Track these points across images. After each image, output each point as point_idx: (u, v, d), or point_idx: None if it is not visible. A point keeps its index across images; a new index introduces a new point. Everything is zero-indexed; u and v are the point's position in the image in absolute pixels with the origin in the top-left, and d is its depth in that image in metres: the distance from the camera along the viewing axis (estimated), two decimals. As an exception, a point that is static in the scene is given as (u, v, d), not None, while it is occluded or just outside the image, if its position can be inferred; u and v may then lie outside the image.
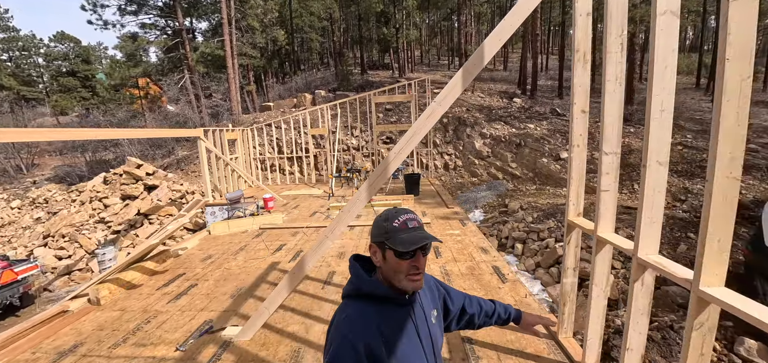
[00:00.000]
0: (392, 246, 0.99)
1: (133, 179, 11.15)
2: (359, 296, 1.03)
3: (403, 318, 1.03)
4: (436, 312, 1.20)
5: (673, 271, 1.60)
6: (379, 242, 1.03)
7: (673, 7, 1.70)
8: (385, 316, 1.00)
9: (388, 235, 1.01)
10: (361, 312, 0.99)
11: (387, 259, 1.02)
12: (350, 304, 1.03)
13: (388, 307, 1.02)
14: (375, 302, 1.01)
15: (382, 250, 1.03)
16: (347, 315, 0.99)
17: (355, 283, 1.06)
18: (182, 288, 4.48)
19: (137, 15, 21.55)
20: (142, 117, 23.18)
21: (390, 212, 1.06)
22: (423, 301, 1.14)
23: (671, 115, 1.75)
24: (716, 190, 1.42)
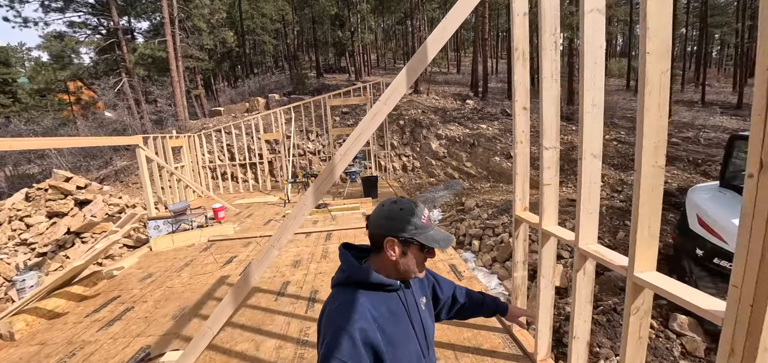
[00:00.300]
0: (424, 242, 1.01)
1: (62, 194, 9.99)
2: (350, 284, 1.02)
3: (395, 304, 1.03)
4: (424, 299, 1.20)
5: (610, 259, 1.66)
6: (407, 238, 1.01)
7: (599, 5, 1.78)
8: (377, 303, 0.99)
9: (418, 231, 1.01)
10: (353, 299, 0.97)
11: (408, 253, 1.02)
12: (341, 293, 1.01)
13: (379, 294, 1.01)
14: (367, 289, 1.00)
15: (405, 246, 1.02)
16: (339, 304, 0.97)
17: (346, 271, 1.04)
18: (116, 313, 4.04)
19: (64, 12, 19.46)
20: (73, 125, 20.94)
21: (410, 206, 1.04)
22: (413, 288, 1.14)
23: (602, 110, 1.83)
24: (643, 179, 1.48)
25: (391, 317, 0.99)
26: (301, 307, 3.74)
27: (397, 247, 1.01)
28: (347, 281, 1.02)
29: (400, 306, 1.04)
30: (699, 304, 1.30)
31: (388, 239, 1.01)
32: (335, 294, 1.02)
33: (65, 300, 4.41)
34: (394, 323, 0.99)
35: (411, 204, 1.05)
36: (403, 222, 1.01)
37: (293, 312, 3.64)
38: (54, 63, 20.89)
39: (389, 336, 0.96)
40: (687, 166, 10.63)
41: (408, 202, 1.05)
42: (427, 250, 1.04)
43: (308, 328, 3.33)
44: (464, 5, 2.32)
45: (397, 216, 1.02)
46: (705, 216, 4.27)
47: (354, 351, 0.88)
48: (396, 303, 1.04)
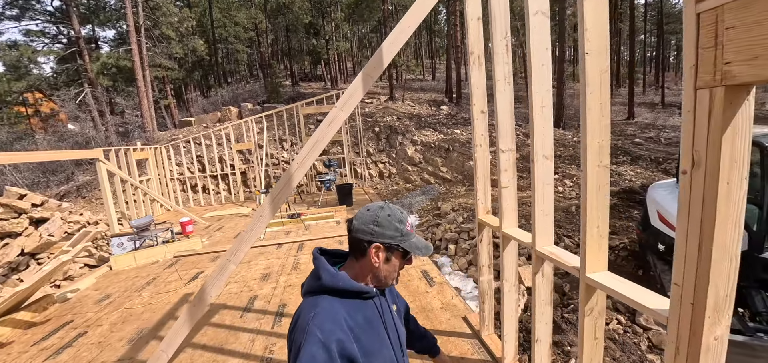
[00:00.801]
0: (408, 249, 1.01)
1: (15, 213, 9.32)
2: (324, 292, 0.98)
3: (370, 311, 1.01)
4: (395, 307, 1.19)
5: (564, 260, 1.65)
6: (392, 245, 1.00)
7: (543, 7, 1.80)
8: (352, 312, 0.96)
9: (404, 238, 1.01)
10: (329, 309, 0.94)
11: (391, 260, 1.02)
12: (316, 301, 0.96)
13: (355, 302, 0.99)
14: (342, 297, 0.98)
15: (389, 252, 1.01)
16: (315, 313, 0.92)
17: (322, 279, 0.99)
18: (66, 339, 3.75)
19: (20, 20, 18.42)
20: (30, 138, 19.72)
21: (396, 212, 1.04)
22: (387, 295, 1.13)
23: (551, 111, 1.84)
24: (590, 179, 1.48)
25: (366, 326, 0.97)
26: (267, 322, 3.59)
27: (382, 254, 1.00)
28: (322, 289, 0.98)
29: (375, 313, 1.02)
30: (646, 303, 1.30)
31: (375, 245, 0.99)
32: (309, 303, 0.97)
33: (10, 328, 4.07)
34: (369, 332, 0.97)
35: (398, 211, 1.05)
36: (390, 228, 1.00)
37: (259, 328, 3.48)
38: (9, 73, 19.66)
39: (365, 345, 0.94)
40: (649, 165, 11.13)
41: (395, 209, 1.05)
42: (407, 258, 1.05)
43: (273, 344, 3.19)
44: (415, 13, 2.31)
45: (385, 222, 1.01)
46: (664, 212, 4.43)
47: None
48: (371, 311, 1.02)
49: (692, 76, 1.02)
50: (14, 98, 20.14)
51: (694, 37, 1.02)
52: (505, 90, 2.14)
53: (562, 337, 4.30)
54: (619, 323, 4.67)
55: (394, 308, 1.17)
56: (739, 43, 0.88)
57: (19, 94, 19.81)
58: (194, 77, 27.49)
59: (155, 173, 10.79)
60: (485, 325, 2.75)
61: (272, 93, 21.97)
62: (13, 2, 17.47)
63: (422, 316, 3.19)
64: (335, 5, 27.63)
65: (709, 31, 0.97)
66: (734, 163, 0.97)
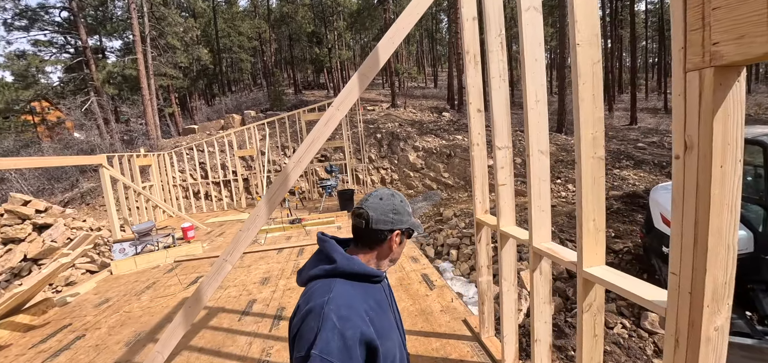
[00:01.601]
0: (415, 230, 1.07)
1: (19, 219, 9.39)
2: (337, 275, 0.96)
3: (380, 294, 1.02)
4: None
5: (562, 255, 1.62)
6: (406, 229, 1.05)
7: (535, 3, 1.80)
8: (366, 295, 0.96)
9: (412, 221, 1.06)
10: (344, 293, 0.91)
11: (402, 242, 1.06)
12: (330, 285, 0.93)
13: (366, 286, 0.99)
14: (355, 280, 0.97)
15: (403, 236, 1.05)
16: (331, 297, 0.88)
17: (337, 261, 0.97)
18: (64, 342, 3.74)
19: (29, 31, 18.76)
20: (36, 146, 19.95)
21: (402, 197, 1.08)
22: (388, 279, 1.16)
23: (545, 106, 1.83)
24: (585, 172, 1.46)
25: (378, 309, 0.97)
26: (265, 325, 3.56)
27: (398, 238, 1.04)
28: (335, 272, 0.96)
29: (383, 296, 1.03)
30: (643, 295, 1.27)
31: (396, 232, 1.03)
32: (321, 286, 0.93)
33: (9, 331, 4.07)
34: (381, 314, 0.96)
35: (400, 195, 1.09)
36: (405, 213, 1.05)
37: (256, 331, 3.46)
38: (17, 83, 19.99)
39: (378, 328, 0.92)
40: (653, 169, 11.04)
41: (398, 194, 1.08)
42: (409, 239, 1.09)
43: (271, 347, 3.16)
44: (410, 13, 2.32)
45: (401, 209, 1.05)
46: (667, 214, 4.37)
47: (346, 352, 0.83)
48: (380, 293, 1.03)
49: (681, 59, 1.01)
50: (22, 107, 20.44)
51: (681, 20, 1.01)
52: (500, 87, 2.13)
53: (565, 341, 4.23)
54: (623, 327, 4.59)
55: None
56: (726, 22, 0.87)
57: (26, 102, 20.11)
58: (198, 86, 27.80)
59: (158, 179, 10.86)
60: (485, 328, 2.71)
61: (275, 101, 22.14)
62: (22, 13, 17.81)
63: (422, 319, 3.15)
64: (338, 14, 27.94)
65: (696, 12, 0.96)
66: (727, 146, 0.95)
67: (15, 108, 20.20)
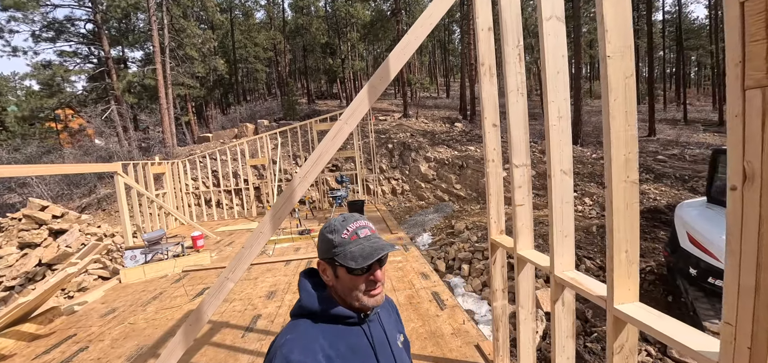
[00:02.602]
0: (342, 262, 0.85)
1: (36, 224, 9.60)
2: (304, 315, 0.89)
3: (358, 339, 0.90)
4: (402, 337, 1.05)
5: (589, 288, 1.46)
6: (328, 258, 0.88)
7: (557, 12, 1.66)
8: (334, 338, 0.86)
9: (337, 249, 0.86)
10: (306, 334, 0.85)
11: (340, 276, 0.88)
12: (295, 325, 0.88)
13: (338, 328, 0.88)
14: (325, 321, 0.88)
15: (332, 267, 0.89)
16: (288, 339, 0.83)
17: (301, 299, 0.91)
18: (67, 354, 3.69)
19: (55, 42, 19.51)
20: (58, 152, 20.59)
21: (336, 222, 0.91)
22: (384, 322, 0.98)
23: (569, 122, 1.68)
24: (616, 197, 1.31)
25: (351, 355, 0.86)
26: (269, 343, 3.44)
27: (328, 269, 0.90)
28: (301, 312, 0.90)
29: (364, 341, 0.90)
30: (689, 344, 1.10)
31: (318, 262, 0.92)
32: (287, 326, 0.89)
33: (14, 340, 4.05)
34: (354, 362, 0.86)
35: (337, 219, 0.92)
36: (326, 241, 0.89)
37: (260, 350, 3.34)
38: (42, 91, 20.77)
39: None
40: (675, 183, 10.60)
41: (337, 218, 0.92)
42: (354, 271, 0.85)
43: (273, 367, 3.03)
44: (422, 24, 2.22)
45: (322, 235, 0.91)
46: (695, 233, 4.11)
47: None
48: (359, 338, 0.90)
49: (739, 75, 0.86)
50: (46, 114, 21.18)
51: (739, 31, 0.87)
52: (517, 101, 1.99)
53: (584, 369, 3.98)
54: (648, 355, 4.31)
55: (400, 338, 1.02)
56: (802, 29, 0.73)
57: (51, 110, 20.84)
58: (214, 95, 28.38)
59: (171, 187, 10.98)
60: (499, 355, 2.53)
61: (289, 110, 22.38)
62: (50, 25, 18.56)
63: (431, 343, 2.98)
64: (351, 26, 28.25)
65: (758, 20, 0.82)
66: (800, 177, 0.80)
67: (39, 115, 20.95)
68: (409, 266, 5.11)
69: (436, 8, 2.21)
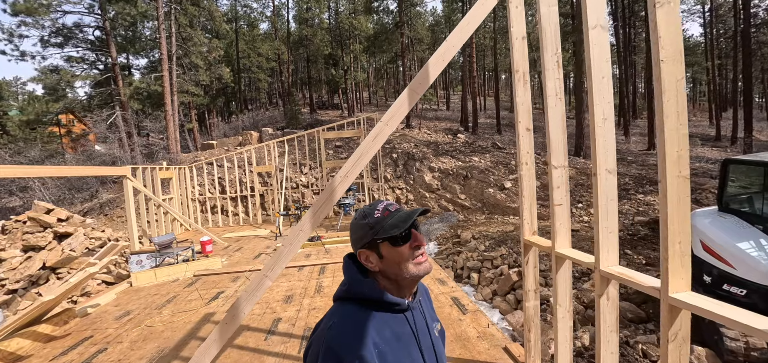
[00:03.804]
0: (384, 236, 0.87)
1: (41, 227, 9.54)
2: (350, 299, 0.89)
3: (402, 326, 0.90)
4: (439, 325, 1.05)
5: (639, 280, 1.51)
6: (369, 242, 0.90)
7: (601, 21, 1.76)
8: (380, 324, 0.86)
9: (376, 229, 0.89)
10: (353, 319, 0.84)
11: (385, 255, 0.89)
12: (340, 309, 0.88)
13: (384, 315, 0.88)
14: (369, 307, 0.87)
15: (375, 250, 0.90)
16: (335, 323, 0.83)
17: (348, 283, 0.91)
18: (85, 355, 3.68)
19: (63, 48, 19.64)
20: (60, 157, 20.55)
21: (365, 210, 0.94)
22: (424, 309, 1.00)
23: (613, 124, 1.76)
24: (670, 191, 1.38)
25: (395, 342, 0.86)
26: (293, 346, 3.45)
27: (371, 255, 0.91)
28: (347, 295, 0.90)
29: (407, 329, 0.91)
30: (751, 323, 1.16)
31: (360, 251, 0.92)
32: (332, 310, 0.89)
33: (30, 341, 4.03)
34: (398, 349, 0.86)
35: (365, 207, 0.95)
36: (362, 228, 0.91)
37: (284, 352, 3.35)
38: (48, 95, 20.82)
39: None
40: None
41: (364, 208, 0.96)
42: (398, 240, 0.89)
43: (299, 368, 3.05)
44: (462, 30, 2.31)
45: (356, 226, 0.93)
46: (709, 241, 4.18)
47: None
48: (403, 326, 0.90)
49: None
50: (50, 119, 21.19)
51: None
52: (556, 105, 2.08)
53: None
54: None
55: (438, 327, 1.04)
56: None
57: (55, 115, 20.86)
58: (217, 103, 28.53)
59: (178, 193, 10.98)
60: (531, 357, 2.56)
61: (291, 120, 22.53)
62: (59, 31, 18.72)
63: (458, 346, 3.01)
64: (354, 38, 28.65)
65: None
66: None
67: (43, 120, 20.95)
68: (424, 272, 5.14)
69: (474, 16, 2.31)
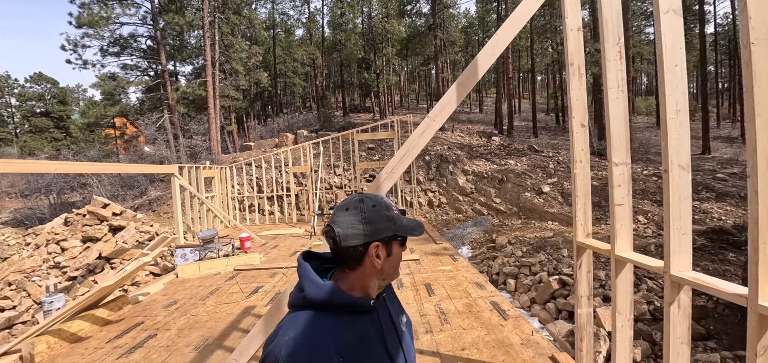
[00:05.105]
0: (404, 234, 0.84)
1: (98, 220, 10.36)
2: (308, 306, 0.80)
3: (366, 327, 0.84)
4: (405, 318, 0.99)
5: (719, 286, 1.36)
6: (389, 237, 0.83)
7: (675, 6, 1.62)
8: (343, 330, 0.79)
9: (397, 225, 0.84)
10: (311, 329, 0.76)
11: (393, 253, 0.85)
12: (297, 319, 0.78)
13: (348, 318, 0.81)
14: (330, 312, 0.79)
15: (387, 247, 0.84)
16: (291, 337, 0.74)
17: (305, 289, 0.81)
18: (138, 339, 3.90)
19: (119, 56, 21.39)
20: (115, 157, 22.31)
21: (385, 202, 0.86)
22: (389, 305, 0.94)
23: (687, 116, 1.61)
24: (761, 188, 1.23)
25: (361, 346, 0.80)
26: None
27: (382, 251, 0.83)
28: (305, 303, 0.80)
29: (372, 329, 0.85)
30: None
31: (374, 245, 0.82)
32: (288, 320, 0.80)
33: (89, 323, 4.34)
34: (364, 353, 0.80)
35: (380, 198, 0.87)
36: (382, 220, 0.83)
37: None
38: (105, 100, 22.69)
39: None
40: (740, 202, 9.81)
41: (377, 196, 0.87)
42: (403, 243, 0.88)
43: None
44: (513, 23, 2.22)
45: (375, 216, 0.83)
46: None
47: None
48: (367, 326, 0.84)
49: None
50: (106, 122, 23.08)
51: None
52: (618, 98, 1.94)
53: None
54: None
55: (403, 320, 0.97)
56: None
57: (111, 118, 22.70)
58: (255, 107, 29.74)
59: (219, 191, 11.51)
60: (581, 367, 2.40)
61: (325, 122, 23.03)
62: (116, 41, 20.42)
63: (501, 352, 2.89)
64: (387, 41, 28.85)
65: None
66: None
67: (101, 123, 22.86)
68: (461, 276, 5.02)
69: (525, 9, 2.22)
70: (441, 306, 3.99)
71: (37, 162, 11.15)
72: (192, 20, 19.89)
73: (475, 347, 3.00)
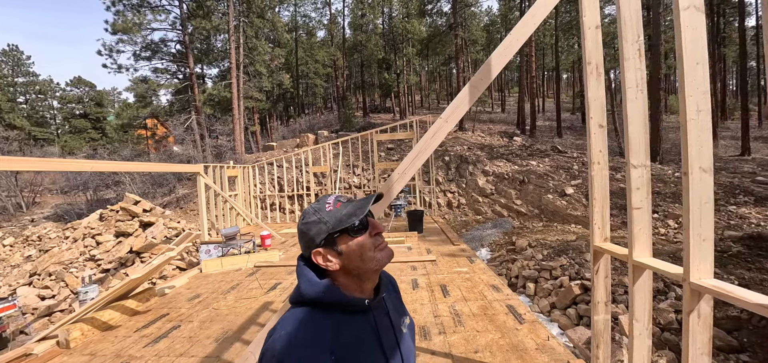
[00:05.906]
0: (341, 227, 0.81)
1: (130, 216, 10.92)
2: (305, 303, 0.82)
3: (362, 327, 0.84)
4: (408, 320, 0.99)
5: (742, 296, 1.30)
6: (326, 239, 0.82)
7: (696, 2, 1.55)
8: (338, 328, 0.80)
9: (331, 223, 0.82)
10: (307, 325, 0.78)
11: (345, 251, 0.83)
12: (293, 315, 0.80)
13: (343, 316, 0.82)
14: (326, 310, 0.81)
15: (332, 247, 0.83)
16: (287, 332, 0.76)
17: (300, 286, 0.84)
18: (163, 330, 4.09)
19: (151, 60, 22.46)
20: (146, 156, 23.41)
21: (313, 207, 0.87)
22: (389, 306, 0.93)
23: (709, 116, 1.54)
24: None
25: (355, 346, 0.81)
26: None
27: (328, 253, 0.83)
28: (301, 300, 0.83)
29: (368, 330, 0.85)
30: None
31: (314, 253, 0.83)
32: (285, 317, 0.82)
33: (119, 313, 4.58)
34: (359, 353, 0.81)
35: (313, 205, 0.88)
36: (315, 226, 0.83)
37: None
38: (138, 102, 23.86)
39: None
40: (782, 210, 9.16)
41: (311, 206, 0.88)
42: (358, 230, 0.83)
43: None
44: (527, 24, 2.19)
45: (305, 228, 0.85)
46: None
47: None
48: (363, 326, 0.85)
49: None
50: (139, 123, 24.26)
51: None
52: (637, 98, 1.87)
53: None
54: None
55: (406, 321, 0.97)
56: None
57: (142, 119, 23.85)
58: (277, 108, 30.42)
59: (242, 190, 11.87)
60: (597, 376, 2.33)
61: (345, 123, 23.26)
62: (148, 46, 21.47)
63: (514, 356, 2.84)
64: (407, 42, 28.81)
65: None
66: None
67: (134, 124, 24.05)
68: (477, 278, 4.96)
69: (540, 8, 2.18)
70: (455, 307, 3.96)
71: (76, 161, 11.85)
72: (218, 24, 20.59)
73: (489, 350, 2.96)
